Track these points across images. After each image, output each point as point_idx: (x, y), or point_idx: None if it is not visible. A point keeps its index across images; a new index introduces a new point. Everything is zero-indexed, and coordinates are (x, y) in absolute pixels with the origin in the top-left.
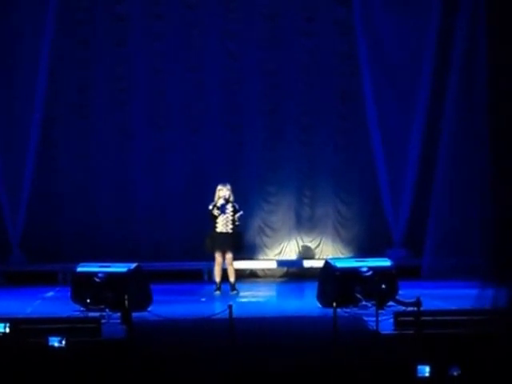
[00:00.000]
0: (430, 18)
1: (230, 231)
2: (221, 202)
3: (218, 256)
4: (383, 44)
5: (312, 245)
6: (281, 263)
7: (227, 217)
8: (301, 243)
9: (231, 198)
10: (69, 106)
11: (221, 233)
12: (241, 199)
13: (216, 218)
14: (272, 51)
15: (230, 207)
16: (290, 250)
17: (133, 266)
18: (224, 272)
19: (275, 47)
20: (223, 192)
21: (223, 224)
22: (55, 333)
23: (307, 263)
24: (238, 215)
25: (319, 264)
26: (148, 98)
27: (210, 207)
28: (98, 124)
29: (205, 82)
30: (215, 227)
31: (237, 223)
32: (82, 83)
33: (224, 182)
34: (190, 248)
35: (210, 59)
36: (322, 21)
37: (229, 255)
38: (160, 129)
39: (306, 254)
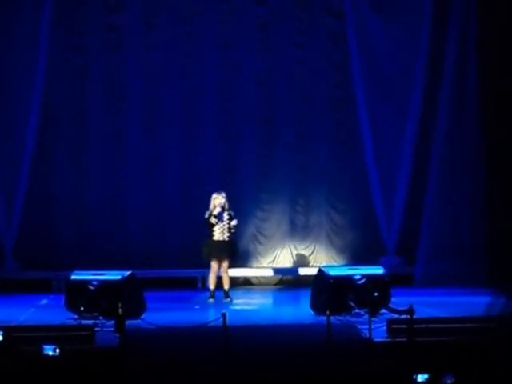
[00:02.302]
0: (421, 27)
1: (227, 239)
2: (217, 210)
3: (214, 264)
4: (376, 53)
5: (305, 252)
6: (277, 271)
7: (224, 225)
8: (294, 251)
9: (226, 206)
10: (64, 114)
11: (218, 241)
12: (234, 207)
13: (213, 226)
14: (266, 61)
15: (226, 215)
16: (283, 257)
17: (127, 273)
18: (218, 280)
19: (270, 57)
20: (219, 200)
21: (220, 232)
22: (48, 341)
23: (302, 271)
24: (232, 224)
25: (313, 272)
26: (143, 106)
27: (206, 216)
28: (94, 132)
29: (199, 91)
30: (212, 235)
31: (232, 231)
32: (77, 91)
33: (219, 191)
34: (184, 256)
35: (204, 68)
36: (315, 31)
37: (225, 263)
38: (155, 137)
39: (300, 261)
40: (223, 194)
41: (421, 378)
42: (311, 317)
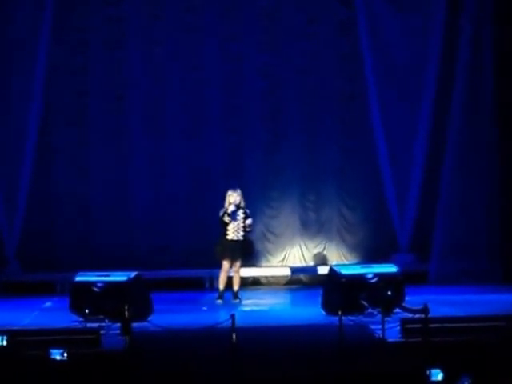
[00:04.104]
0: (434, 19)
1: (241, 238)
2: (231, 208)
3: (226, 263)
4: (387, 45)
5: (316, 251)
6: (295, 270)
7: (238, 224)
8: (305, 249)
9: (242, 204)
10: (65, 111)
11: (231, 240)
12: None
13: (227, 224)
14: (273, 53)
15: (241, 213)
16: (293, 256)
17: (132, 274)
18: (228, 280)
19: (276, 49)
20: (233, 198)
21: (234, 231)
22: (53, 344)
23: (321, 269)
24: (247, 223)
25: (324, 271)
26: (147, 102)
27: (221, 214)
28: (96, 130)
29: (204, 86)
30: (226, 234)
31: (248, 229)
32: (78, 89)
33: (234, 187)
34: (191, 256)
35: (209, 62)
36: (324, 22)
37: (238, 263)
38: (158, 134)
39: (311, 260)
40: (238, 191)
41: (436, 375)
42: (323, 317)
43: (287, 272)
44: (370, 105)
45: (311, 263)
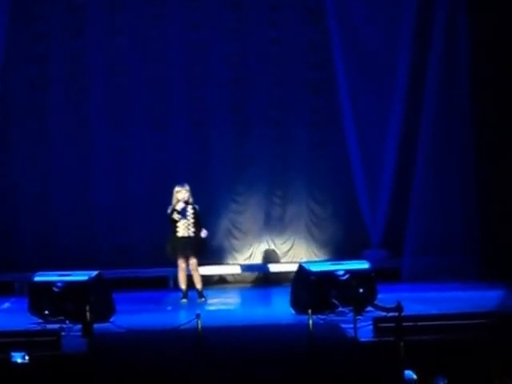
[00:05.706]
0: (407, 5)
1: (192, 235)
2: (180, 205)
3: (181, 262)
4: (357, 32)
5: (284, 247)
6: (248, 268)
7: (188, 220)
8: (272, 246)
9: (190, 200)
10: (23, 104)
11: (182, 237)
12: (208, 199)
13: (176, 222)
14: (239, 42)
15: (190, 209)
16: (260, 253)
17: (94, 274)
18: (189, 278)
19: (242, 38)
20: (182, 194)
21: (184, 228)
22: (13, 347)
23: (274, 268)
24: (202, 235)
25: (292, 268)
26: (108, 94)
27: (169, 211)
28: (56, 123)
29: (168, 77)
30: (176, 232)
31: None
32: (37, 81)
33: (182, 183)
34: (155, 254)
35: (172, 52)
36: (291, 9)
37: (193, 260)
38: (121, 127)
39: (278, 257)
40: (187, 187)
41: (409, 377)
42: (292, 316)
43: (238, 270)
44: (339, 95)
45: (279, 260)
